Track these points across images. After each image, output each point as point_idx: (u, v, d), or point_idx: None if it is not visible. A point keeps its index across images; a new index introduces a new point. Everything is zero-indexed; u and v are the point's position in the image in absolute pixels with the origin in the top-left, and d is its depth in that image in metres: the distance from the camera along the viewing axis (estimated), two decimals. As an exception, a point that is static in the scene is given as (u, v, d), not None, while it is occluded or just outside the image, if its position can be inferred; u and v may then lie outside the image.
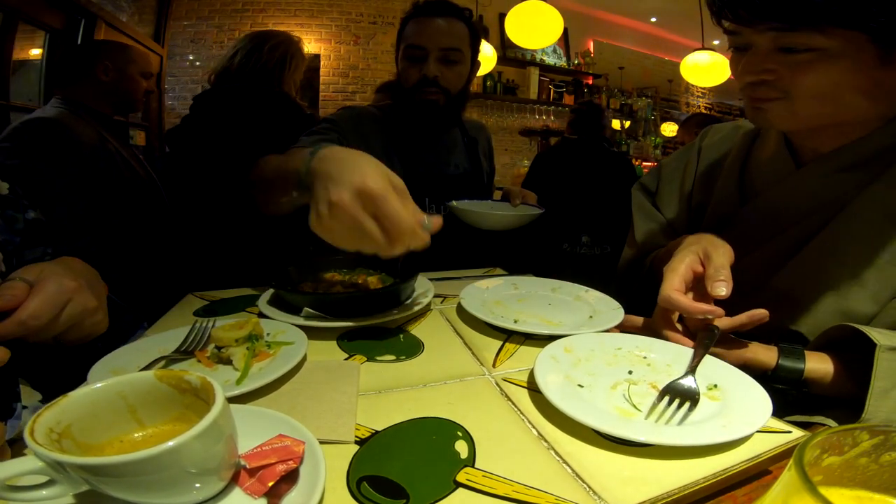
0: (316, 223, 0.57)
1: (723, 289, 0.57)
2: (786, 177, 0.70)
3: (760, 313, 0.57)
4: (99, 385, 0.35)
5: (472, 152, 1.29)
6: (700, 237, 0.65)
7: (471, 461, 0.40)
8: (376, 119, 1.20)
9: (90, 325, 0.54)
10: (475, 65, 1.21)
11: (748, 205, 0.74)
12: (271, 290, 0.76)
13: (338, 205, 0.54)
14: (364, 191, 0.54)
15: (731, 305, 0.63)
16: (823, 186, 0.65)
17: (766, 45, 0.58)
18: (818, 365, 0.56)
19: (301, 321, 0.65)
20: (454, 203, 1.09)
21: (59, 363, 0.53)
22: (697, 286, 0.62)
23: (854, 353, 0.55)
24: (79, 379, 0.50)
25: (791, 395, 0.55)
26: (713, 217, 0.79)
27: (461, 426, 0.45)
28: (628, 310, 0.71)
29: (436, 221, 0.61)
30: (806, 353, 0.57)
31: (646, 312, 0.69)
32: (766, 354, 0.58)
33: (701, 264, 0.61)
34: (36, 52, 2.45)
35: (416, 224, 0.56)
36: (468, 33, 1.14)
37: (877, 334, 0.50)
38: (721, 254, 0.60)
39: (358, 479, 0.37)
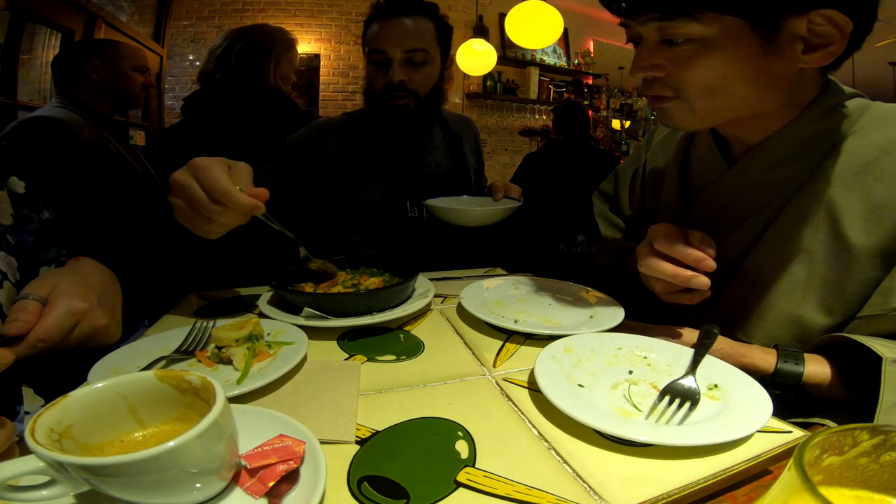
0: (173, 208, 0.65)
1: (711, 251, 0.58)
2: (718, 176, 0.68)
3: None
4: (99, 385, 0.35)
5: (455, 149, 1.25)
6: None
7: (471, 461, 0.40)
8: (347, 128, 1.16)
9: (102, 339, 0.56)
10: (448, 60, 1.16)
11: (691, 209, 0.72)
12: (271, 290, 0.77)
13: (174, 180, 0.62)
14: (192, 164, 0.62)
15: (681, 317, 0.63)
16: (759, 186, 0.64)
17: (652, 38, 0.57)
18: (817, 368, 0.55)
19: (301, 321, 0.65)
20: (429, 200, 1.06)
21: (64, 369, 0.53)
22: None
23: (844, 357, 0.54)
24: (79, 379, 0.50)
25: (791, 399, 0.55)
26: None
27: (462, 426, 0.45)
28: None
29: (261, 192, 0.65)
30: (805, 355, 0.56)
31: (634, 312, 0.69)
32: (764, 359, 0.57)
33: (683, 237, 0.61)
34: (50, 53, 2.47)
35: (231, 187, 0.60)
36: (434, 29, 1.09)
37: (880, 346, 0.49)
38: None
39: (358, 479, 0.37)
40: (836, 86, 0.62)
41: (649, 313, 0.69)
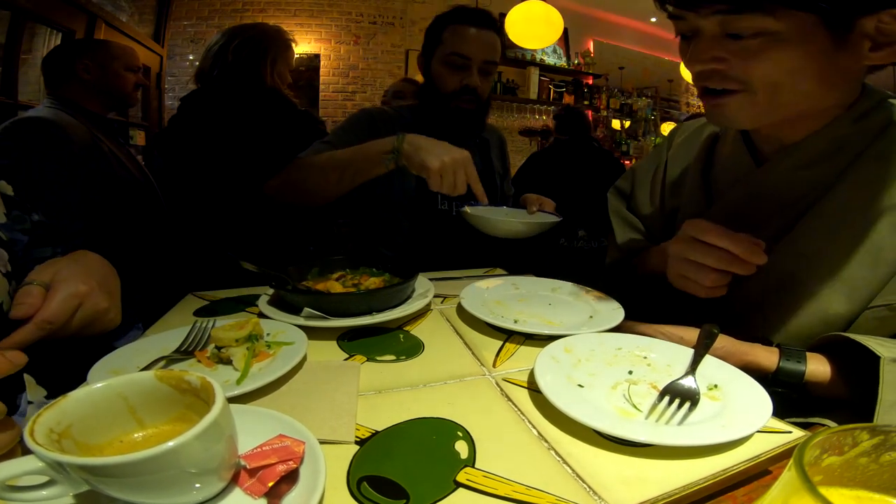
0: (439, 168, 0.90)
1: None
2: (746, 174, 0.68)
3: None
4: (99, 385, 0.35)
5: (483, 153, 1.32)
6: None
7: (471, 461, 0.40)
8: (396, 121, 1.22)
9: (102, 323, 0.57)
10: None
11: (713, 207, 0.72)
12: (271, 290, 0.76)
13: (452, 162, 0.89)
14: (463, 159, 0.91)
15: (699, 318, 0.63)
16: (786, 185, 0.64)
17: (712, 31, 0.55)
18: (819, 367, 0.55)
19: (301, 321, 0.65)
20: (467, 209, 1.09)
21: (65, 360, 0.54)
22: None
23: (845, 356, 0.54)
24: (79, 379, 0.50)
25: (792, 397, 0.55)
26: (684, 221, 0.78)
27: (461, 426, 0.45)
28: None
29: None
30: (807, 354, 0.56)
31: (637, 312, 0.69)
32: (766, 358, 0.57)
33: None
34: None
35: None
36: (500, 45, 1.20)
37: (877, 346, 0.49)
38: None
39: (358, 480, 0.37)
40: (871, 89, 0.62)
41: (655, 313, 0.69)
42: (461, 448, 0.41)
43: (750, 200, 0.67)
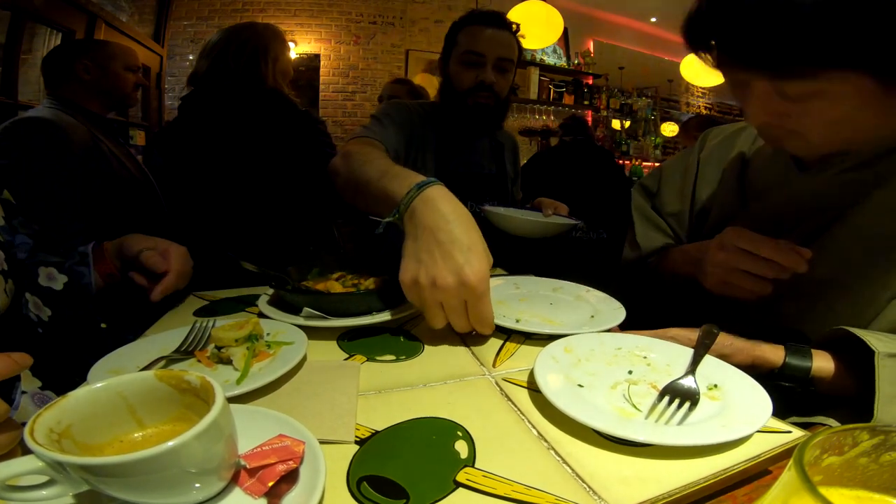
0: (411, 286, 0.59)
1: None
2: (787, 178, 0.69)
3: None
4: (99, 385, 0.35)
5: (497, 156, 1.35)
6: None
7: (471, 461, 0.40)
8: (422, 115, 1.26)
9: (185, 281, 0.75)
10: (515, 74, 1.29)
11: (749, 207, 0.73)
12: (271, 290, 0.76)
13: (441, 288, 0.57)
14: (468, 285, 0.57)
15: (735, 314, 0.63)
16: (827, 187, 0.64)
17: (763, 88, 0.56)
18: (825, 363, 0.56)
19: (301, 321, 0.65)
20: (487, 207, 1.12)
21: (58, 351, 0.55)
22: None
23: (851, 353, 0.54)
24: (78, 379, 0.50)
25: (797, 393, 0.55)
26: (716, 221, 0.78)
27: (461, 426, 0.44)
28: (629, 308, 0.71)
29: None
30: (812, 351, 0.57)
31: (648, 311, 0.69)
32: (773, 353, 0.58)
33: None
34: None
35: (492, 321, 0.61)
36: (517, 46, 1.23)
37: (874, 340, 0.50)
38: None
39: (358, 479, 0.37)
40: None
41: (674, 313, 0.69)
42: (461, 448, 0.41)
43: (789, 203, 0.68)
